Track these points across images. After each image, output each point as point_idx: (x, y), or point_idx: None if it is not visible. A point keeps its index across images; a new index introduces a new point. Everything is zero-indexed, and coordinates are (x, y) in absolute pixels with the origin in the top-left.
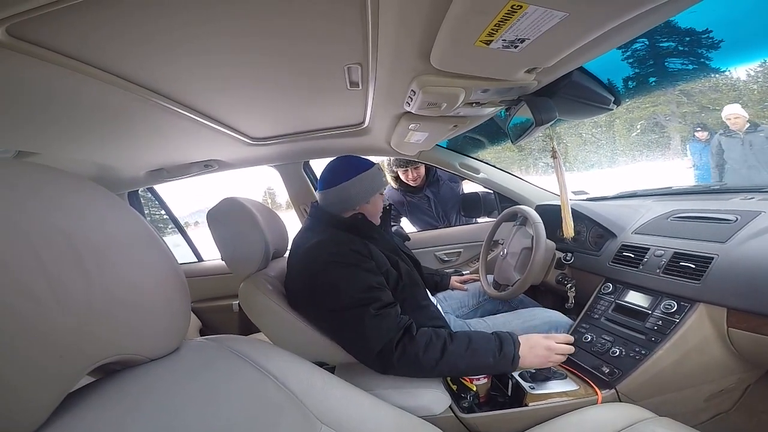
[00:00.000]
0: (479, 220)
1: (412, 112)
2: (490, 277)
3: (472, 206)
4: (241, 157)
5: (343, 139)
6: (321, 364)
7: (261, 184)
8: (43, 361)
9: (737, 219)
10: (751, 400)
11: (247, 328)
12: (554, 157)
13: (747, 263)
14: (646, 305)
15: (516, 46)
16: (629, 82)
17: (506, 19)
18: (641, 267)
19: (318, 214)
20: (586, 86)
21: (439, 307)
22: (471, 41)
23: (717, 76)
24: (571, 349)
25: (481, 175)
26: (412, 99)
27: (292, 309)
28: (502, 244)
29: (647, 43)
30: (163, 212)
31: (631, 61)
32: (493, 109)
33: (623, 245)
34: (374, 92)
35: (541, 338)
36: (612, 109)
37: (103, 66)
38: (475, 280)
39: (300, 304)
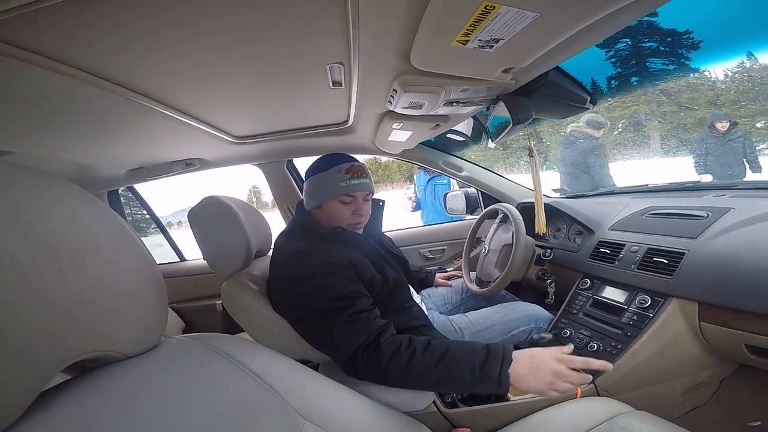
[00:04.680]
0: (466, 218)
1: (395, 111)
2: (473, 274)
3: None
4: (224, 156)
5: (327, 137)
6: (305, 362)
7: (246, 183)
8: (16, 358)
9: (708, 215)
10: (726, 394)
11: (231, 327)
12: (531, 155)
13: (716, 258)
14: (622, 300)
15: (491, 46)
16: (612, 82)
17: (480, 20)
18: (617, 262)
19: (300, 218)
20: (562, 86)
21: (422, 306)
22: (448, 41)
23: (696, 75)
24: (588, 378)
25: (463, 173)
26: (394, 98)
27: (275, 309)
28: (484, 241)
29: (630, 43)
30: (145, 212)
31: (614, 60)
32: (474, 108)
33: (600, 241)
34: (357, 91)
35: (552, 359)
36: (588, 108)
37: (84, 67)
38: (459, 277)
39: (280, 308)
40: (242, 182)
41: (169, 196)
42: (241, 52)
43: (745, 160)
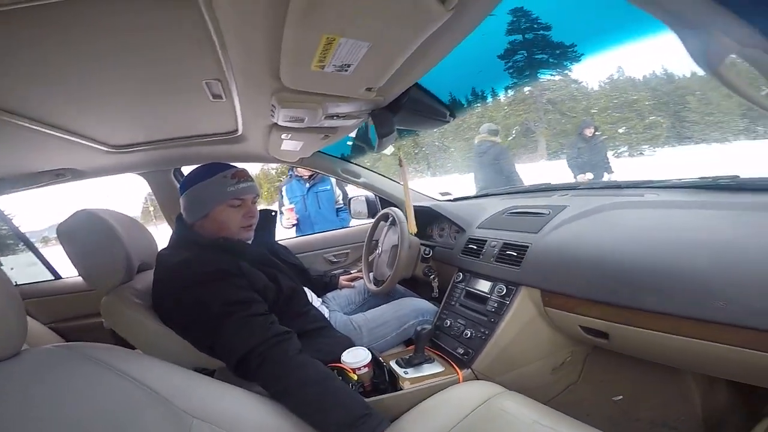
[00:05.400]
0: (365, 221)
1: (279, 124)
2: (372, 275)
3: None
4: (99, 166)
5: (217, 146)
6: (201, 370)
7: (141, 191)
8: None
9: (549, 212)
10: (591, 371)
11: (123, 345)
12: (400, 165)
13: (549, 250)
14: (486, 290)
15: (345, 70)
16: (509, 90)
17: (327, 49)
18: (481, 257)
19: (182, 231)
20: (424, 101)
21: (323, 308)
22: (308, 66)
23: (575, 86)
24: None
25: (361, 180)
26: (274, 113)
27: (163, 322)
28: (379, 243)
29: (525, 54)
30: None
31: (511, 71)
32: (356, 120)
33: (470, 238)
34: (240, 104)
35: None
36: (449, 121)
37: None
38: (362, 278)
39: (169, 319)
40: (137, 190)
41: (46, 208)
42: (112, 66)
43: (606, 160)
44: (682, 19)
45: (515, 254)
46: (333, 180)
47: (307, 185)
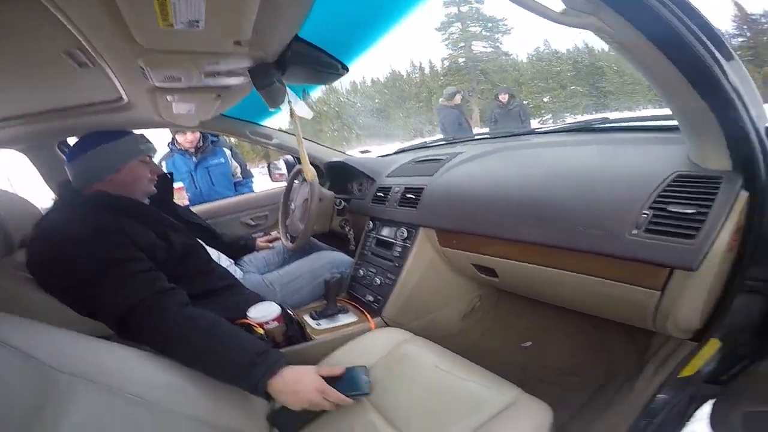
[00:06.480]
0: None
1: (158, 86)
2: (288, 233)
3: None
4: None
5: (105, 115)
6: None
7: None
8: None
9: (446, 157)
10: (502, 316)
11: None
12: (291, 116)
13: (442, 190)
14: (392, 236)
15: (197, 26)
16: (445, 62)
17: (164, 6)
18: (386, 204)
19: (63, 193)
20: (310, 55)
21: (235, 268)
22: (154, 24)
23: (506, 58)
24: (347, 401)
25: (274, 141)
26: (147, 75)
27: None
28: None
29: (460, 27)
30: None
31: (447, 43)
32: (246, 79)
33: (379, 187)
34: (112, 70)
35: (314, 390)
36: (342, 75)
37: None
38: (280, 239)
39: (46, 286)
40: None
41: None
42: None
43: (522, 125)
44: None
45: (413, 197)
46: (228, 152)
47: (194, 159)
